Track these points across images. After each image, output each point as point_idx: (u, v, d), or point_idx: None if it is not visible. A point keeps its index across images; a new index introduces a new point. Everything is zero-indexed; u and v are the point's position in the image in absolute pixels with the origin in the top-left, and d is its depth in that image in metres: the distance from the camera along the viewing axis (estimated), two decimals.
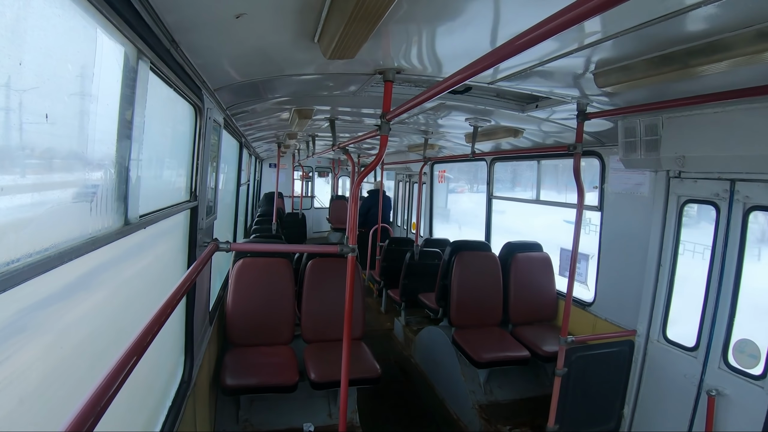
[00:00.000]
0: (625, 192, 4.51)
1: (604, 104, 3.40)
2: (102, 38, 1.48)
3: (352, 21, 1.76)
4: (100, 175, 1.55)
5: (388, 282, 8.32)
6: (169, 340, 2.92)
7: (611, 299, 4.69)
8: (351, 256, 2.97)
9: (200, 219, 3.11)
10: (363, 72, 3.00)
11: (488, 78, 3.00)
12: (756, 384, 3.11)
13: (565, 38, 2.17)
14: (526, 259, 5.75)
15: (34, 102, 1.14)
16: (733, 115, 3.03)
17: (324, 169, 17.38)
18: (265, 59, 2.77)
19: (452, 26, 2.11)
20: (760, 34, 1.84)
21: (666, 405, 3.74)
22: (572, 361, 3.72)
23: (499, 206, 7.40)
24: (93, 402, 0.96)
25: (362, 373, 4.17)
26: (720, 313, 3.39)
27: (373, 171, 5.45)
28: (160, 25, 1.85)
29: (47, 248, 1.15)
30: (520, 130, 4.97)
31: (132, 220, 1.78)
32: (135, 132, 1.77)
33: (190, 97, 2.71)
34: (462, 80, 1.77)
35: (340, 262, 4.85)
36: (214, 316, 4.33)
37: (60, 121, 1.29)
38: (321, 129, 6.70)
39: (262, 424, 4.27)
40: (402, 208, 13.08)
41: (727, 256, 3.36)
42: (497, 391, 5.11)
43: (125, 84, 1.70)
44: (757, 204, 3.20)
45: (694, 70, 2.16)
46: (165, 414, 2.67)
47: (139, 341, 1.25)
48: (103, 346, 1.72)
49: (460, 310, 5.55)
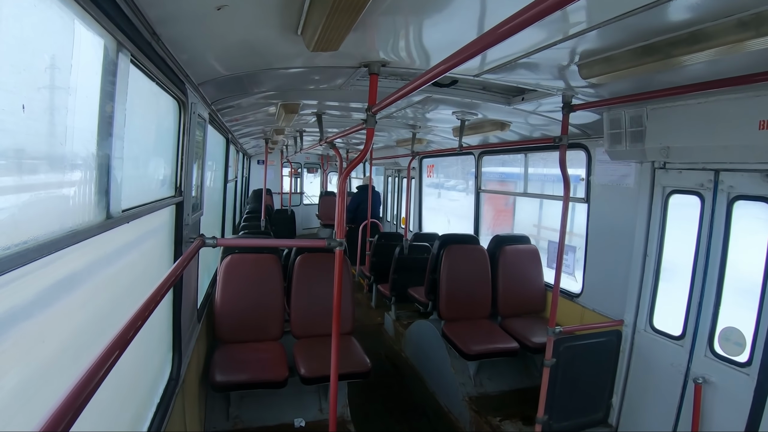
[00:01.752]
0: (611, 184, 4.55)
1: (589, 96, 3.42)
2: (80, 30, 1.45)
3: (334, 12, 1.75)
4: (79, 168, 1.53)
5: (378, 277, 8.32)
6: (157, 337, 2.89)
7: (599, 290, 4.74)
8: (339, 250, 2.96)
9: (186, 215, 3.08)
10: (348, 65, 2.99)
11: (474, 70, 3.01)
12: (742, 371, 3.15)
13: (549, 29, 2.17)
14: (514, 251, 5.79)
15: (10, 94, 1.11)
16: (716, 105, 3.07)
17: (313, 165, 17.35)
18: (249, 52, 2.75)
19: (437, 18, 2.10)
20: (740, 23, 1.86)
21: (653, 393, 3.79)
22: (560, 352, 3.75)
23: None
24: (72, 398, 0.93)
25: (352, 367, 4.17)
26: (705, 302, 3.44)
27: (360, 165, 5.43)
28: (140, 16, 1.82)
29: (25, 241, 1.13)
30: (507, 124, 4.99)
31: (114, 214, 1.76)
32: (116, 125, 1.74)
33: (173, 92, 2.67)
34: (446, 70, 1.77)
35: (329, 257, 4.84)
36: (202, 313, 4.30)
37: (37, 114, 1.26)
38: (308, 124, 6.67)
39: (253, 420, 4.26)
40: (391, 203, 13.09)
41: (711, 245, 3.41)
42: (487, 383, 5.14)
43: (105, 76, 1.67)
44: (741, 193, 3.24)
45: (677, 60, 2.18)
46: (153, 411, 2.65)
47: (121, 336, 1.23)
48: (87, 342, 1.70)
49: (450, 304, 5.58)
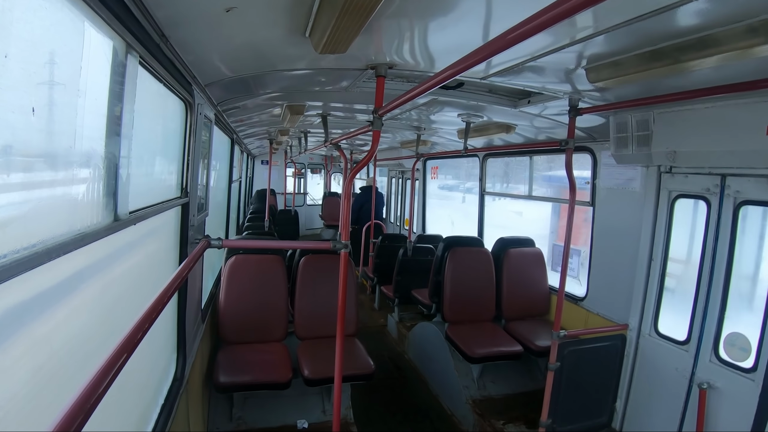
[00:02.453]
0: (617, 187, 4.53)
1: (595, 100, 3.41)
2: (90, 31, 1.46)
3: (343, 15, 1.75)
4: (88, 170, 1.53)
5: (382, 278, 8.31)
6: (161, 338, 2.90)
7: (603, 294, 4.72)
8: (344, 252, 2.96)
9: (191, 216, 3.08)
10: (355, 67, 2.99)
11: (480, 73, 3.00)
12: (747, 377, 3.14)
13: (556, 33, 2.17)
14: (519, 254, 5.77)
15: (21, 96, 1.12)
16: (723, 110, 3.06)
17: (316, 165, 17.37)
18: (256, 54, 2.75)
19: (444, 21, 2.10)
20: (750, 29, 1.85)
21: (658, 398, 3.77)
22: (564, 356, 3.74)
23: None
24: (82, 400, 0.94)
25: (356, 369, 4.17)
26: (711, 307, 3.42)
27: (365, 167, 5.43)
28: (149, 18, 1.83)
29: (34, 244, 1.13)
30: (512, 126, 4.98)
31: (122, 216, 1.76)
32: (124, 127, 1.75)
33: (180, 93, 2.68)
34: (453, 75, 1.77)
35: (333, 259, 4.84)
36: (206, 314, 4.31)
37: (47, 116, 1.27)
38: (313, 125, 6.67)
39: (256, 421, 4.26)
40: (395, 204, 13.08)
41: (717, 250, 3.39)
42: (490, 386, 5.13)
43: (114, 78, 1.67)
44: (748, 198, 3.23)
45: (685, 66, 2.17)
46: (158, 412, 2.65)
47: (129, 338, 1.24)
48: (94, 343, 1.71)
49: (453, 306, 5.56)
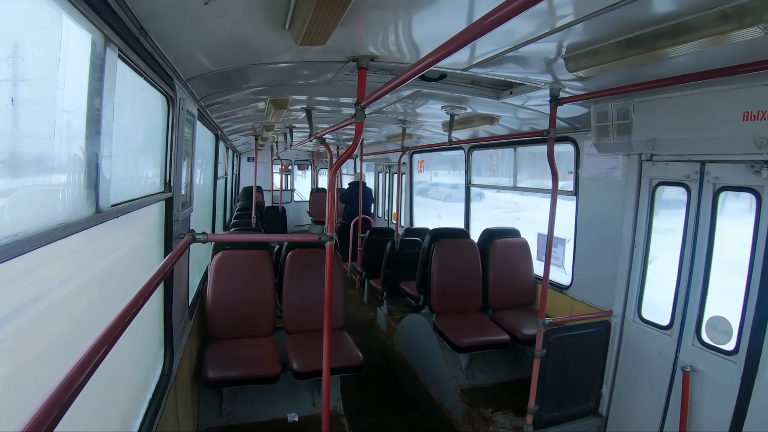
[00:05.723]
0: (599, 176, 4.60)
1: (576, 89, 3.45)
2: (68, 24, 1.45)
3: (321, 6, 1.76)
4: (68, 162, 1.52)
5: (370, 272, 8.34)
6: (147, 334, 2.88)
7: (588, 282, 4.80)
8: (329, 245, 2.97)
9: (175, 211, 3.07)
10: (337, 60, 2.99)
11: (463, 64, 3.02)
12: (729, 359, 3.22)
13: (536, 21, 2.20)
14: (504, 244, 5.83)
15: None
16: (701, 97, 3.12)
17: (303, 162, 17.31)
18: (237, 47, 2.74)
19: (425, 12, 2.11)
20: (722, 15, 1.89)
21: (642, 383, 3.85)
22: (550, 343, 3.80)
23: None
24: (56, 397, 0.90)
25: (344, 361, 4.19)
26: (693, 292, 3.50)
27: (350, 160, 5.43)
28: (127, 11, 1.81)
29: (15, 233, 1.13)
30: (496, 118, 5.02)
31: (103, 208, 1.75)
32: (104, 119, 1.73)
33: (161, 87, 2.66)
34: (434, 62, 1.78)
35: (320, 253, 4.84)
36: (194, 310, 4.29)
37: (26, 107, 1.26)
38: (298, 120, 6.66)
39: (246, 416, 4.26)
40: (382, 198, 13.09)
41: (698, 236, 3.47)
42: (479, 375, 5.19)
43: (93, 71, 1.66)
44: (727, 184, 3.30)
45: (660, 53, 2.21)
46: (145, 407, 2.64)
47: (109, 331, 1.21)
48: (78, 337, 1.70)
49: (441, 297, 5.61)
